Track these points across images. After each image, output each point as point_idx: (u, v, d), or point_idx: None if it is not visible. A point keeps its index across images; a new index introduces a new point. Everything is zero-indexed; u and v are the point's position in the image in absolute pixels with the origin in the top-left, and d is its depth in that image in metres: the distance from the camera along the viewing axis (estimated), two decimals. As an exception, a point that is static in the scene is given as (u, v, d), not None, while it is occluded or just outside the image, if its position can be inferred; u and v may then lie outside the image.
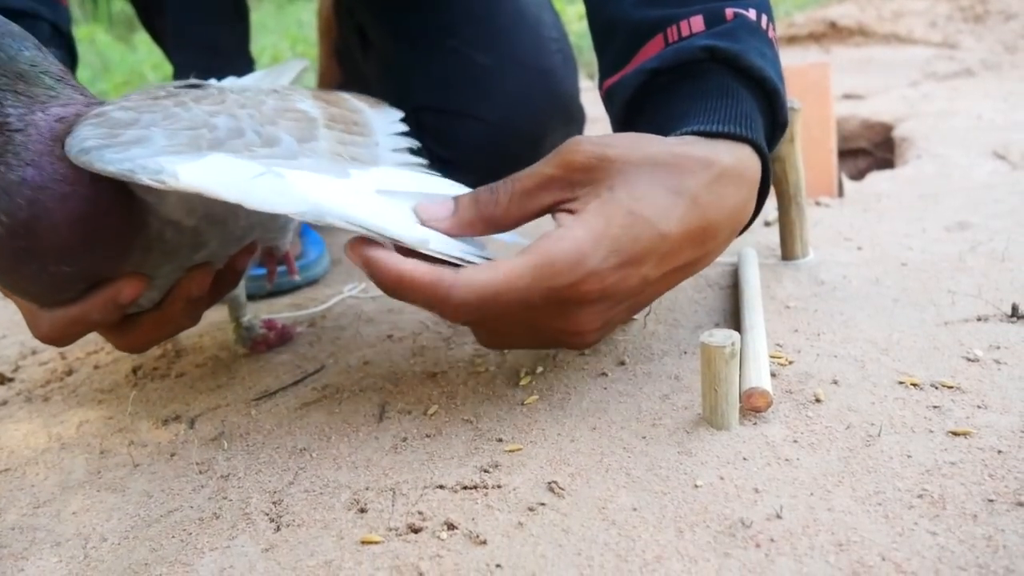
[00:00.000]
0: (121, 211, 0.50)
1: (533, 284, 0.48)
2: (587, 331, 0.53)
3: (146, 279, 0.53)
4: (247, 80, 0.78)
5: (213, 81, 0.69)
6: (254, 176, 0.47)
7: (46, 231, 0.48)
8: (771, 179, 0.59)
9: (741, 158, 0.53)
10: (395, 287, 0.49)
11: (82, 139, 0.47)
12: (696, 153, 0.52)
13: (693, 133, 0.54)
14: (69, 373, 0.74)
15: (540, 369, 0.65)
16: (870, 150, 1.40)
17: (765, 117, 0.59)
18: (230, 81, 0.75)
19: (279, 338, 0.74)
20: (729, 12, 0.58)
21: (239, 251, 0.61)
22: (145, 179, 0.44)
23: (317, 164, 0.55)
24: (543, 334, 0.54)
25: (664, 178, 0.50)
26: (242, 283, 0.70)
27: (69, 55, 0.83)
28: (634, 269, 0.50)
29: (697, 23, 0.58)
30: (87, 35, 3.38)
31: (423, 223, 0.52)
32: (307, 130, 0.58)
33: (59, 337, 0.55)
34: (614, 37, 0.64)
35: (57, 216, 0.48)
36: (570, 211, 0.51)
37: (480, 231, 0.54)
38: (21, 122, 0.48)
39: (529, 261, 0.49)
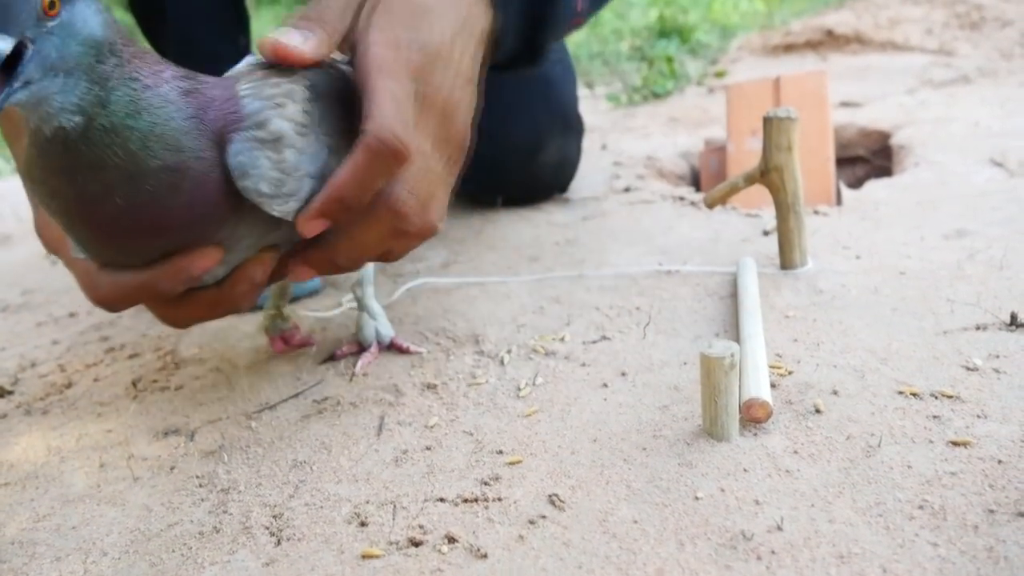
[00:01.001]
0: (234, 192, 0.49)
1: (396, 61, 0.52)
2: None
3: (221, 253, 0.52)
4: None
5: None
6: None
7: (173, 211, 0.47)
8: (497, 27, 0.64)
9: None
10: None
11: (258, 176, 0.49)
12: None
13: None
14: (68, 386, 0.74)
15: (540, 380, 0.65)
16: (868, 158, 1.40)
17: None
18: None
19: (301, 342, 0.74)
20: None
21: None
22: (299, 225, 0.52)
23: None
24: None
25: None
26: None
27: None
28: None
29: None
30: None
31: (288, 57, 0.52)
32: None
33: (117, 301, 0.53)
34: None
35: (188, 198, 0.47)
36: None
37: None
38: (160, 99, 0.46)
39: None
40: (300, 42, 0.52)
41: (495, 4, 0.63)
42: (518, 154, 1.03)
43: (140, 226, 0.46)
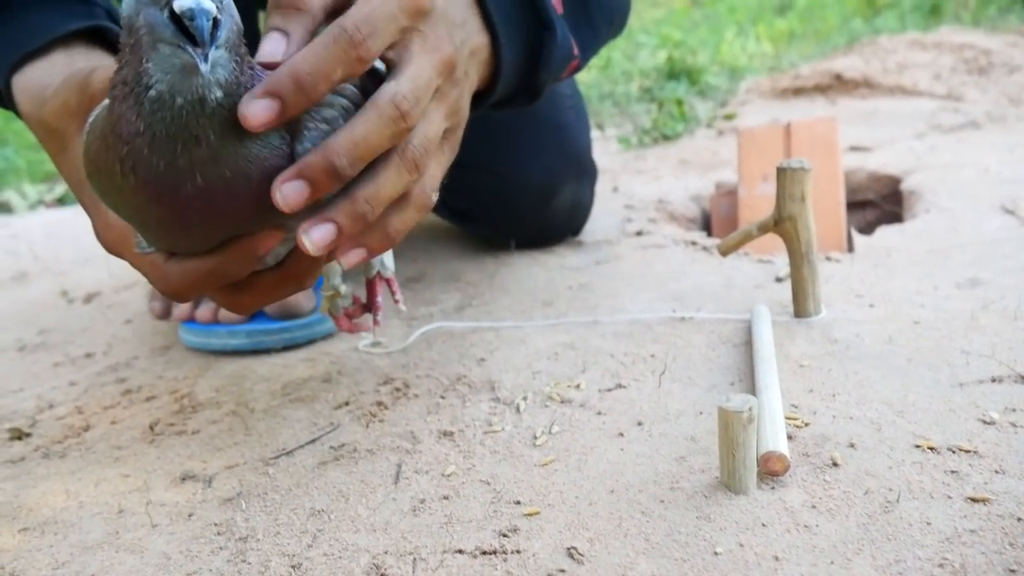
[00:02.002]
0: None
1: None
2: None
3: (283, 231, 0.52)
4: None
5: None
6: None
7: (247, 197, 0.48)
8: (500, 51, 0.66)
9: None
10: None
11: None
12: None
13: None
14: (86, 428, 0.75)
15: (556, 428, 0.65)
16: (878, 202, 1.41)
17: (525, 11, 0.68)
18: None
19: (364, 313, 0.73)
20: None
21: None
22: None
23: None
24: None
25: None
26: None
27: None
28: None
29: None
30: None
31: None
32: None
33: (187, 288, 0.53)
34: None
35: (262, 185, 0.48)
36: None
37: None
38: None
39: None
40: (283, 49, 0.50)
41: (495, 37, 0.65)
42: (532, 199, 1.04)
43: (213, 208, 0.47)
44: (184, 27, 0.42)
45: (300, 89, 0.46)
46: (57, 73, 0.63)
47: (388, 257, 0.72)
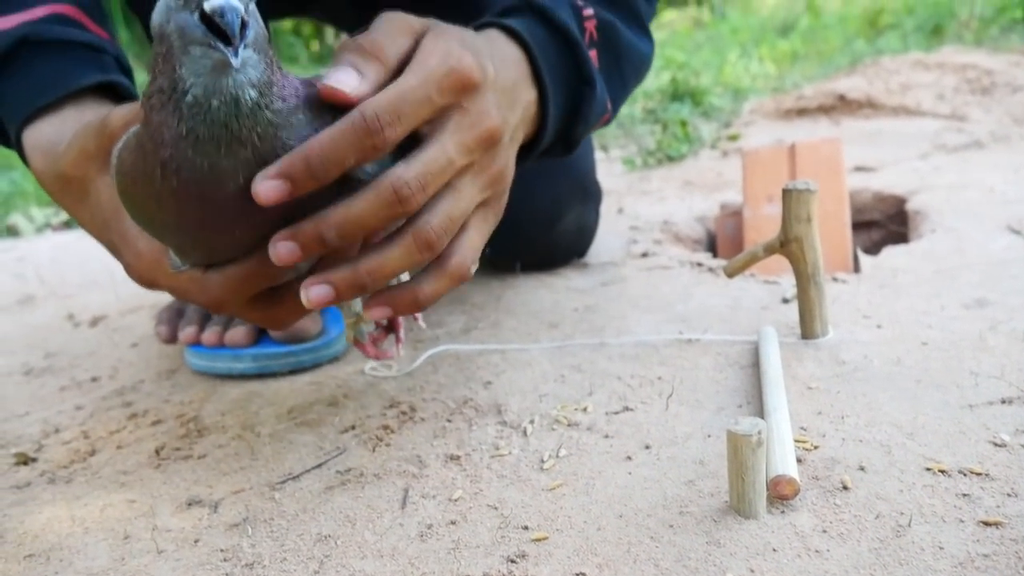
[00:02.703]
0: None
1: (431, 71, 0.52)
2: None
3: None
4: None
5: None
6: None
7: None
8: (547, 106, 0.68)
9: (504, 51, 0.65)
10: None
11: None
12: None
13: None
14: (92, 453, 0.74)
15: (564, 452, 0.65)
16: (883, 222, 1.41)
17: (570, 70, 0.71)
18: None
19: (385, 342, 0.73)
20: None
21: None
22: None
23: None
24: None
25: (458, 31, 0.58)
26: None
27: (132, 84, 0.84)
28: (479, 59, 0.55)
29: None
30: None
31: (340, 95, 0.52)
32: None
33: (230, 294, 0.53)
34: None
35: None
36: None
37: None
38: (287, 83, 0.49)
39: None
40: (355, 85, 0.51)
41: (543, 92, 0.67)
42: (538, 223, 1.04)
43: (255, 208, 0.48)
44: (214, 27, 0.43)
45: (311, 174, 0.47)
46: (68, 128, 0.64)
47: (405, 275, 0.72)
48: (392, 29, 0.55)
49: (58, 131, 0.65)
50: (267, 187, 0.46)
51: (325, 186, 0.49)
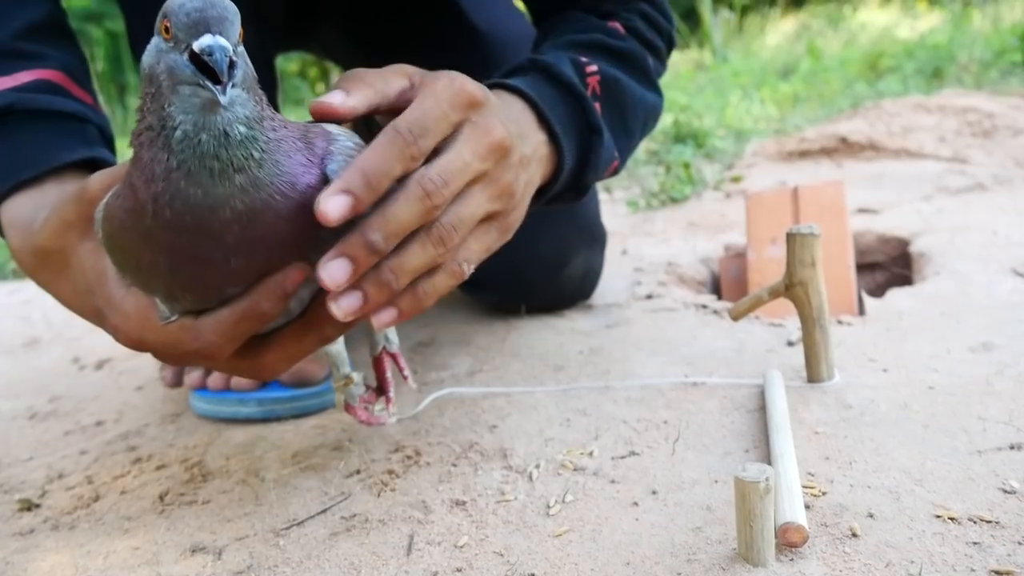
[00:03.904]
0: None
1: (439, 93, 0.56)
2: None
3: (308, 269, 0.52)
4: None
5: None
6: None
7: (283, 219, 0.49)
8: (560, 144, 0.70)
9: (510, 102, 0.68)
10: None
11: None
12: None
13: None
14: (96, 499, 0.74)
15: (570, 497, 0.64)
16: (887, 264, 1.41)
17: (577, 119, 0.74)
18: None
19: (377, 402, 0.72)
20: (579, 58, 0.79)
21: None
22: None
23: None
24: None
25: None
26: (341, 339, 0.69)
27: (114, 156, 0.85)
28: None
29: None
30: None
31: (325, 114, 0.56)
32: None
33: (223, 339, 0.54)
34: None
35: (293, 208, 0.49)
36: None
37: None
38: (280, 123, 0.50)
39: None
40: (340, 101, 0.56)
41: (558, 145, 0.70)
42: (545, 267, 1.04)
43: (250, 232, 0.48)
44: (203, 66, 0.45)
45: (369, 185, 0.50)
46: (46, 204, 0.64)
47: (392, 332, 0.73)
48: (387, 71, 0.60)
49: (37, 206, 0.64)
50: (334, 204, 0.49)
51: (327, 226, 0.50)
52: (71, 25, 0.81)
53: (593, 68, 0.79)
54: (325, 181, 0.51)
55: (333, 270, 0.50)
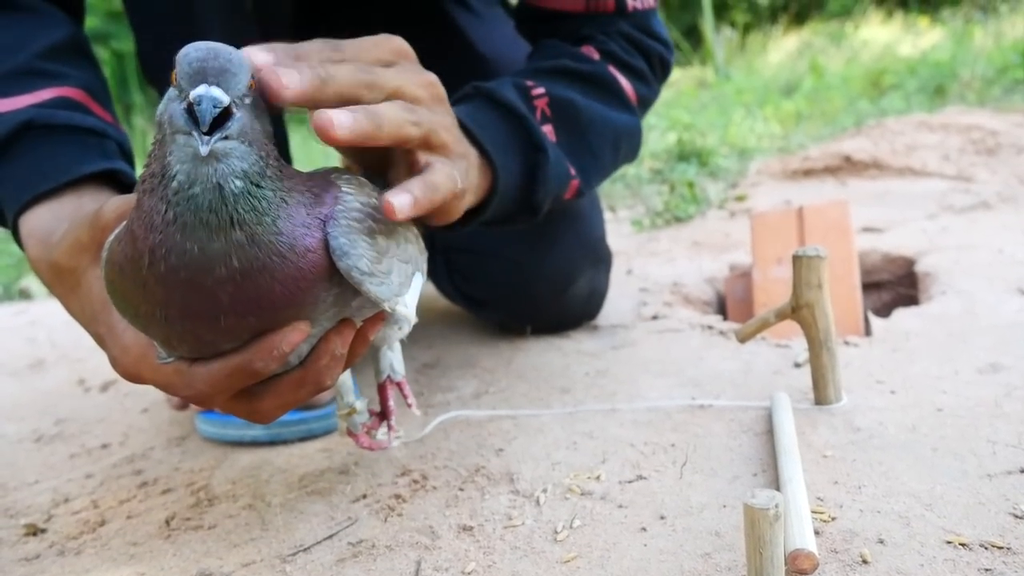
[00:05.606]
0: (328, 271, 0.52)
1: None
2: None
3: (309, 328, 0.53)
4: None
5: None
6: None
7: (279, 279, 0.49)
8: (490, 157, 0.73)
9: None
10: None
11: (357, 255, 0.52)
12: None
13: None
14: (102, 523, 0.74)
15: (577, 523, 0.64)
16: (892, 284, 1.41)
17: (518, 138, 0.78)
18: None
19: (380, 428, 0.72)
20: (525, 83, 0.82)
21: (372, 316, 0.60)
22: (387, 307, 0.55)
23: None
24: None
25: None
26: (349, 371, 0.69)
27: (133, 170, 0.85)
28: None
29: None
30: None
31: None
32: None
33: (214, 390, 0.54)
34: None
35: (292, 272, 0.49)
36: None
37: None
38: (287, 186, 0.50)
39: None
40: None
41: (490, 160, 0.73)
42: (549, 288, 1.04)
43: (244, 290, 0.48)
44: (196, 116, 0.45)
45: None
46: (65, 216, 0.65)
47: (398, 362, 0.73)
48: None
49: (56, 218, 0.65)
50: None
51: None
52: (92, 49, 0.82)
53: (540, 91, 0.82)
54: (325, 245, 0.50)
55: (336, 117, 0.54)
